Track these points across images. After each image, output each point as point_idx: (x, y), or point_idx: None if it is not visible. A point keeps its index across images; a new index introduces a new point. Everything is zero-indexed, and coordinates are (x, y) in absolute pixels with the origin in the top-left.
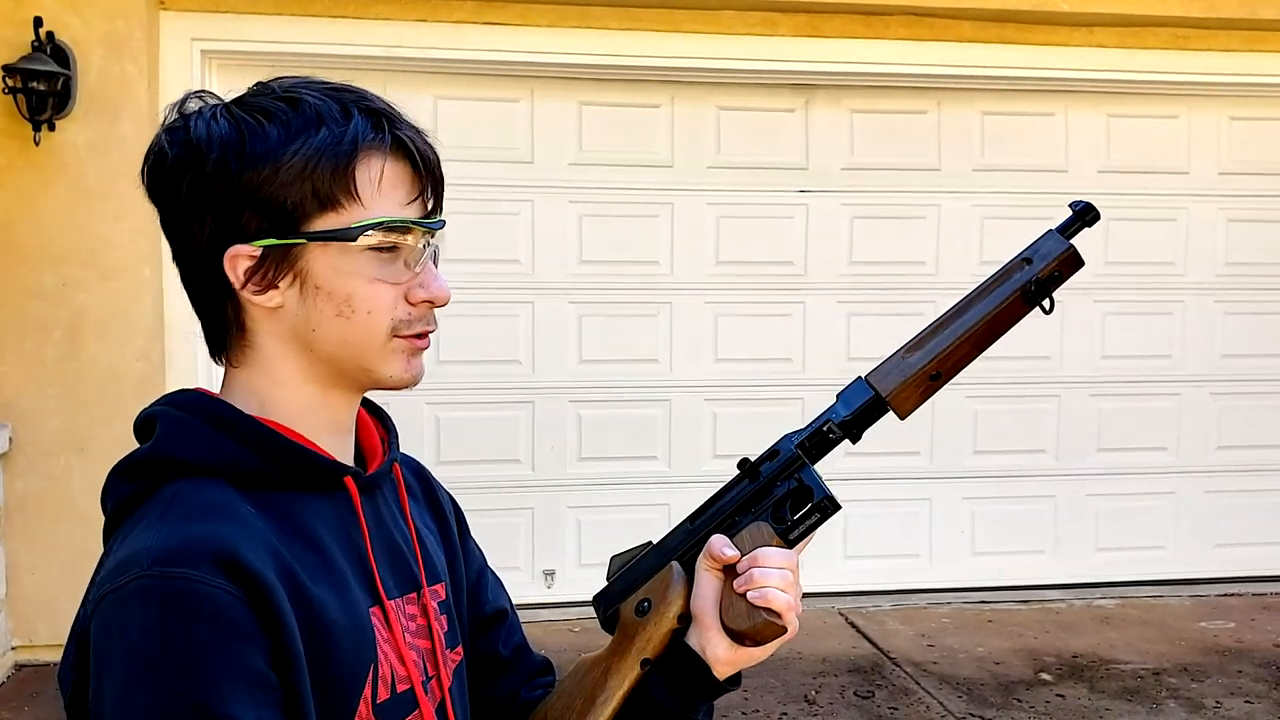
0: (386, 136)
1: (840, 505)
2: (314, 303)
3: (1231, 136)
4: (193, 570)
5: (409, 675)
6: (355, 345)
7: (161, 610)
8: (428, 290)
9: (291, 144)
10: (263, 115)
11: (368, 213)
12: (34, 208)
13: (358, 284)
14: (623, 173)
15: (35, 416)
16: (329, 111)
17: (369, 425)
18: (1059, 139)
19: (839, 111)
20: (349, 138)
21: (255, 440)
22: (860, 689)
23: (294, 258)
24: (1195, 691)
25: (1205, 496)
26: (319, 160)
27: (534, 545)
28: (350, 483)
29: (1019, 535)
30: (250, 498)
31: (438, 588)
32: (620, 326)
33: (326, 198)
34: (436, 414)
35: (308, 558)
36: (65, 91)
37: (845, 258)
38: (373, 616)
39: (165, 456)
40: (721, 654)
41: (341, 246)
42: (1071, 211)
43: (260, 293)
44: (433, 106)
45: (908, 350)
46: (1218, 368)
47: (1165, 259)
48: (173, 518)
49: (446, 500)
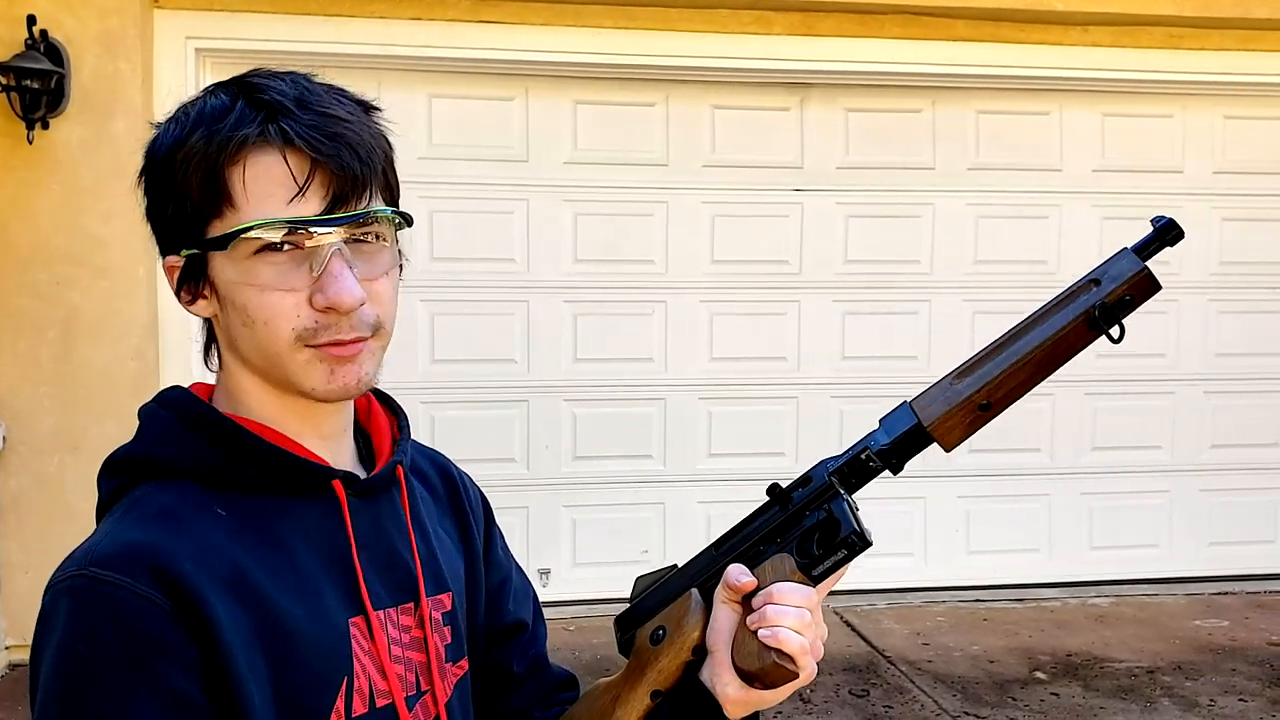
0: (265, 130)
1: (870, 542)
2: (229, 312)
3: (1226, 136)
4: (124, 576)
5: (390, 690)
6: (266, 355)
7: (87, 613)
8: (325, 295)
9: (178, 150)
10: (171, 120)
11: (243, 216)
12: (27, 206)
13: (250, 293)
14: (617, 171)
15: (29, 415)
16: (215, 108)
17: (382, 425)
18: (1054, 138)
19: (834, 110)
20: (220, 136)
21: (229, 441)
22: (855, 687)
23: (207, 268)
24: (1189, 690)
25: (1199, 495)
26: (192, 163)
27: (529, 544)
28: (338, 487)
29: (1013, 534)
30: (224, 500)
31: (443, 597)
32: (615, 325)
33: (205, 203)
34: (431, 413)
35: (275, 565)
36: (59, 90)
37: (840, 257)
38: (353, 627)
39: (142, 456)
40: (732, 694)
41: (228, 254)
42: (1152, 229)
43: (191, 303)
44: (427, 105)
45: (956, 376)
46: (1212, 366)
47: (1160, 257)
48: (127, 520)
49: (476, 501)
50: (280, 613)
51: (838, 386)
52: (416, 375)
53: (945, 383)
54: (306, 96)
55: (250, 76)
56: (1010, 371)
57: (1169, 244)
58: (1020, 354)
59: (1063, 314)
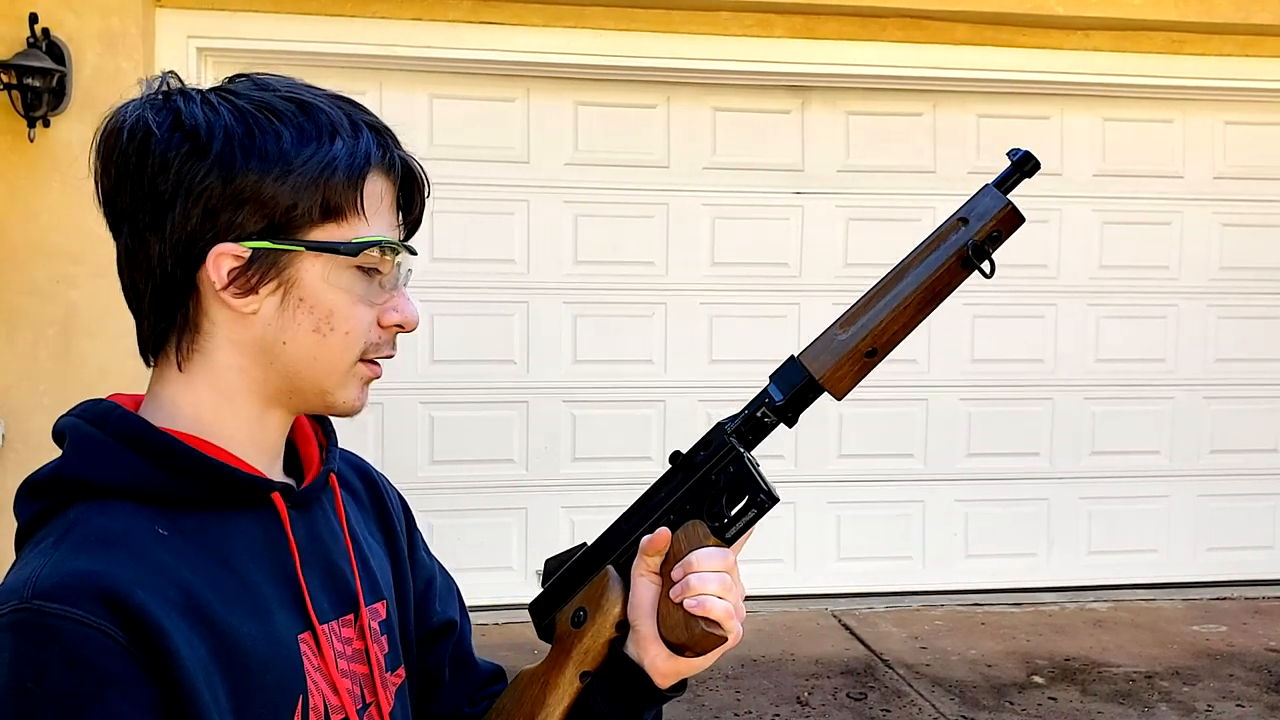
0: (392, 156)
1: (778, 498)
2: (293, 314)
3: (1226, 141)
4: (73, 609)
5: (343, 705)
6: (322, 364)
7: (33, 650)
8: (401, 314)
9: (305, 148)
10: (272, 114)
11: (369, 230)
12: (28, 204)
13: (344, 300)
14: (618, 173)
15: (27, 414)
16: (340, 122)
17: (308, 433)
18: (1054, 142)
19: (835, 113)
20: (362, 151)
21: (169, 459)
22: (853, 691)
23: (283, 264)
24: (1187, 695)
25: (1198, 500)
26: (334, 170)
27: (527, 545)
28: (278, 500)
29: (1012, 538)
30: (163, 517)
31: (378, 606)
32: (615, 327)
33: (334, 209)
34: (431, 413)
35: (224, 584)
36: (60, 88)
37: (840, 259)
38: (302, 643)
39: (71, 477)
40: (660, 665)
41: (336, 260)
42: (1009, 162)
43: (241, 296)
44: (428, 105)
45: (840, 325)
46: (1211, 372)
47: (1159, 263)
48: (65, 547)
49: (396, 503)
50: (234, 634)
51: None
52: (416, 375)
53: (830, 334)
54: (389, 128)
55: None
56: (892, 316)
57: (1027, 175)
58: (900, 298)
59: (936, 254)
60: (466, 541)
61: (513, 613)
